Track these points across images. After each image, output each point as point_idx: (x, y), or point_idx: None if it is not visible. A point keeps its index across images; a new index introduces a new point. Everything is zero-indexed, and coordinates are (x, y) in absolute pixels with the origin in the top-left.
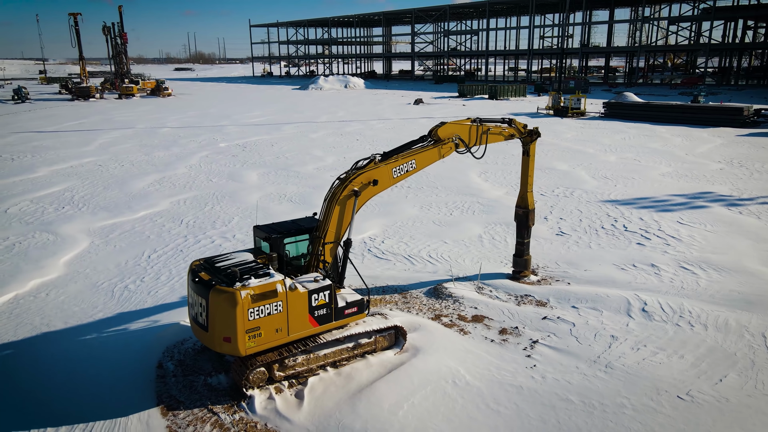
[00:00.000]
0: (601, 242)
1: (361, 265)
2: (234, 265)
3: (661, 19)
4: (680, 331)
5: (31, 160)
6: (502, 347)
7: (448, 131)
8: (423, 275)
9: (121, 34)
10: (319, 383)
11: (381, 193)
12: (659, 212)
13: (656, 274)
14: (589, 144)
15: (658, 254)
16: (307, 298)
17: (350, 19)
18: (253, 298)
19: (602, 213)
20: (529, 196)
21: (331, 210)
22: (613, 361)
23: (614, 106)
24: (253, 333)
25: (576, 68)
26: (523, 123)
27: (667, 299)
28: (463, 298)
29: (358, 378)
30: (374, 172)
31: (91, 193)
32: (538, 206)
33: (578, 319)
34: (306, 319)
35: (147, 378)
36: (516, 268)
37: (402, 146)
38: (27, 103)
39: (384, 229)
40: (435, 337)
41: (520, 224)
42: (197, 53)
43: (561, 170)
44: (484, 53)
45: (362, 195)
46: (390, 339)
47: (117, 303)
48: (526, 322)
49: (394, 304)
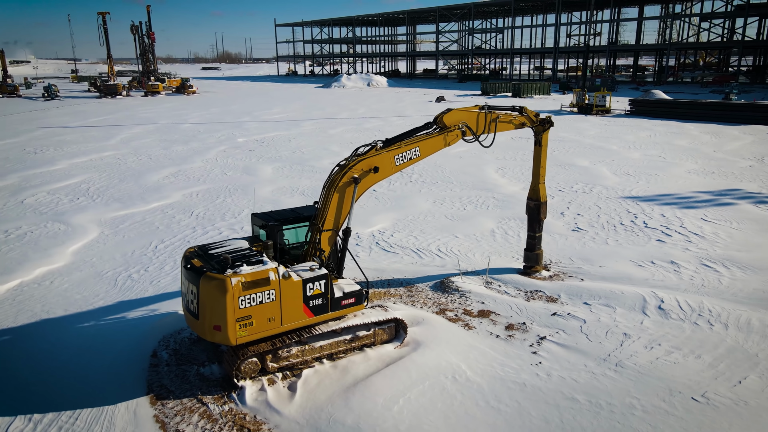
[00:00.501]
0: (619, 238)
1: (368, 258)
2: (227, 252)
3: (693, 15)
4: (698, 330)
5: (53, 154)
6: (507, 343)
7: (454, 118)
8: (430, 269)
9: (149, 33)
10: (313, 376)
11: (394, 188)
12: (683, 209)
13: (675, 271)
14: (612, 141)
15: (679, 251)
16: (302, 287)
17: (375, 18)
18: (244, 286)
19: (622, 209)
20: (541, 188)
21: (329, 197)
22: (624, 359)
23: (641, 103)
24: (245, 322)
25: (603, 67)
26: (534, 111)
27: (685, 297)
28: (470, 293)
29: (354, 371)
30: (375, 158)
31: (106, 185)
32: (554, 202)
33: (590, 316)
34: (300, 309)
35: (140, 367)
36: (527, 263)
37: (405, 133)
38: (56, 100)
39: (394, 222)
40: (438, 332)
41: (532, 217)
42: (224, 53)
43: (581, 166)
44: (508, 51)
45: (362, 182)
46: (390, 332)
47: (119, 292)
48: (535, 318)
49: (399, 298)
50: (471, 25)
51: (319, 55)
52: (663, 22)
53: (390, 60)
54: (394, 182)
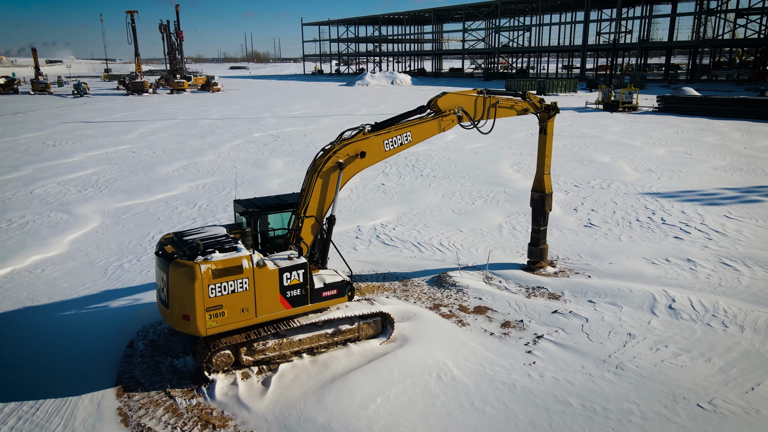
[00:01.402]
0: (634, 235)
1: (366, 250)
2: (201, 238)
3: (728, 11)
4: (710, 332)
5: (71, 147)
6: (501, 341)
7: (449, 102)
8: (429, 263)
9: (177, 32)
10: (290, 370)
11: (403, 182)
12: (705, 206)
13: (691, 269)
14: (636, 137)
15: (697, 249)
16: (278, 276)
17: (401, 16)
18: (215, 274)
19: (639, 205)
20: (546, 179)
21: (312, 183)
22: (625, 361)
23: (669, 99)
24: (215, 312)
25: (634, 65)
26: (539, 97)
27: (699, 296)
28: (467, 288)
29: (334, 367)
30: (362, 143)
31: (116, 177)
32: (569, 197)
33: (593, 314)
34: (277, 300)
35: (114, 357)
36: (531, 258)
37: (397, 117)
38: (85, 97)
39: (399, 216)
40: (428, 327)
41: (536, 210)
42: (252, 53)
43: (601, 162)
44: (535, 49)
45: (348, 168)
46: (376, 327)
47: (107, 281)
48: (534, 316)
49: (393, 292)
50: (498, 23)
51: (345, 54)
52: (697, 19)
53: (416, 59)
54: (404, 176)
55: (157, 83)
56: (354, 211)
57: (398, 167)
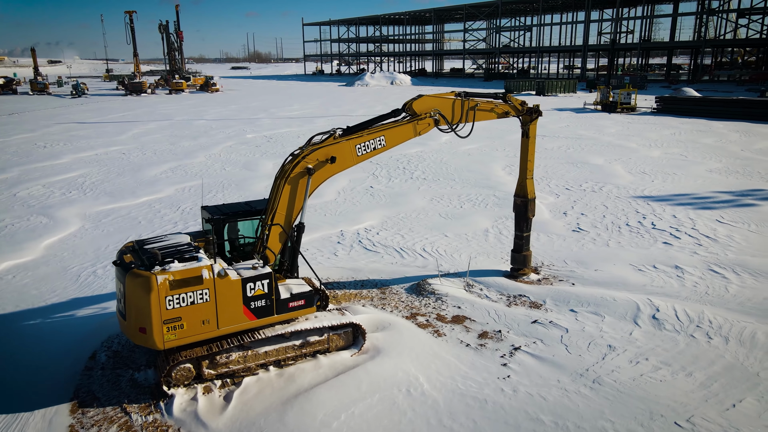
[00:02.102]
0: (622, 240)
1: (347, 256)
2: (162, 247)
3: (730, 11)
4: (694, 344)
5: (62, 148)
6: (476, 353)
7: (425, 105)
8: (410, 270)
9: (177, 32)
10: (255, 384)
11: (393, 184)
12: (697, 210)
13: (678, 277)
14: (632, 139)
15: (686, 255)
16: (241, 287)
17: (401, 17)
18: (172, 285)
19: (630, 209)
20: (528, 184)
21: (280, 189)
22: (603, 375)
23: (668, 100)
24: (173, 324)
25: (635, 65)
26: (520, 99)
27: (684, 305)
28: (446, 296)
29: (300, 380)
30: (332, 148)
31: (102, 179)
32: (559, 201)
33: (574, 324)
34: (240, 311)
35: (74, 369)
36: (514, 265)
37: (370, 120)
38: (83, 97)
39: (384, 220)
40: (402, 338)
41: (519, 215)
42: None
43: (594, 164)
44: (536, 50)
45: (317, 174)
46: (346, 338)
47: (77, 288)
48: (513, 326)
49: (370, 300)
50: (498, 23)
51: (346, 54)
52: (699, 19)
53: (417, 59)
54: (394, 178)
55: (156, 83)
56: (339, 215)
57: (389, 169)
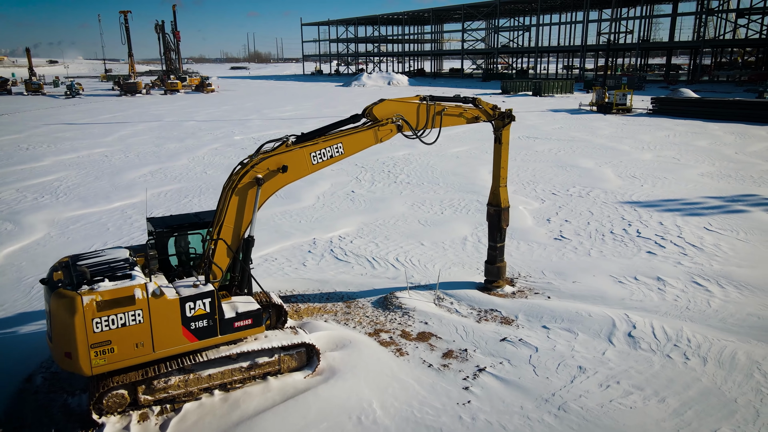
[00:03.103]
0: (605, 249)
1: (315, 267)
2: (94, 264)
3: (730, 11)
4: (669, 365)
5: (44, 150)
6: (438, 375)
7: (386, 110)
8: (380, 281)
9: (174, 31)
10: (196, 410)
11: (375, 188)
12: (685, 216)
13: (659, 290)
14: (625, 141)
15: (669, 265)
16: (179, 306)
17: (400, 17)
18: (100, 306)
19: (616, 215)
20: (501, 192)
21: (227, 201)
22: (570, 401)
23: (664, 101)
24: (102, 348)
25: (633, 66)
26: (492, 104)
27: (663, 322)
28: (414, 311)
29: (245, 406)
30: (285, 156)
31: (79, 183)
32: (544, 206)
33: (545, 342)
34: (179, 333)
35: (6, 392)
36: (488, 276)
37: (327, 126)
38: (77, 97)
39: (360, 227)
40: (361, 358)
41: (492, 226)
42: (254, 53)
43: (583, 168)
44: (534, 50)
45: (268, 184)
46: (299, 358)
47: (27, 301)
48: (480, 344)
49: (333, 314)
50: (497, 23)
51: (344, 54)
52: (698, 19)
53: (416, 59)
54: (377, 182)
55: (152, 84)
56: (314, 222)
57: (373, 172)
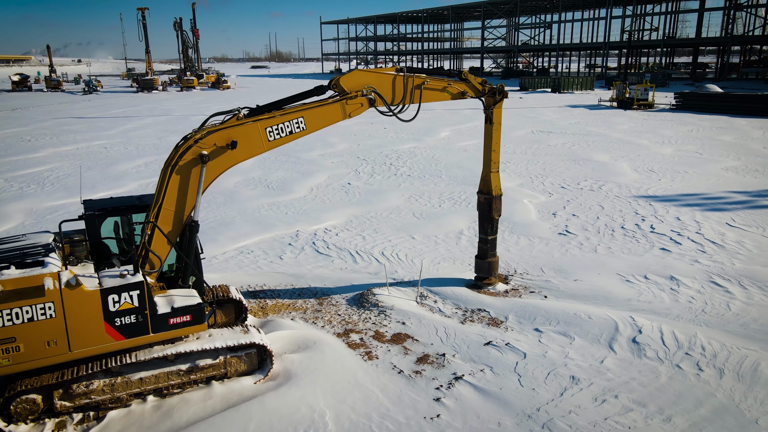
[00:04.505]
0: (614, 245)
1: (292, 261)
2: (6, 249)
3: (759, 6)
4: (679, 377)
5: (46, 142)
6: (408, 383)
7: (356, 81)
8: (360, 276)
9: (193, 30)
10: (122, 419)
11: (372, 181)
12: (706, 211)
13: (672, 290)
14: (645, 135)
15: (685, 264)
16: (100, 299)
17: (419, 14)
18: (1, 297)
19: (629, 210)
20: (493, 178)
21: (167, 180)
22: (557, 417)
23: (688, 96)
24: (5, 346)
25: (658, 65)
26: (480, 78)
27: (674, 326)
28: (391, 309)
29: (179, 415)
30: (235, 130)
31: (69, 174)
32: (551, 200)
33: (535, 348)
34: (101, 330)
35: None
36: (478, 273)
37: (286, 99)
38: (94, 94)
39: (349, 219)
40: (324, 361)
41: (483, 216)
42: (276, 52)
43: (597, 161)
44: (555, 47)
45: (215, 162)
46: (249, 361)
47: None
48: (461, 348)
49: (303, 312)
50: (517, 20)
51: (363, 52)
52: (726, 14)
53: (436, 58)
54: (376, 175)
55: (169, 81)
56: (301, 214)
57: (373, 165)
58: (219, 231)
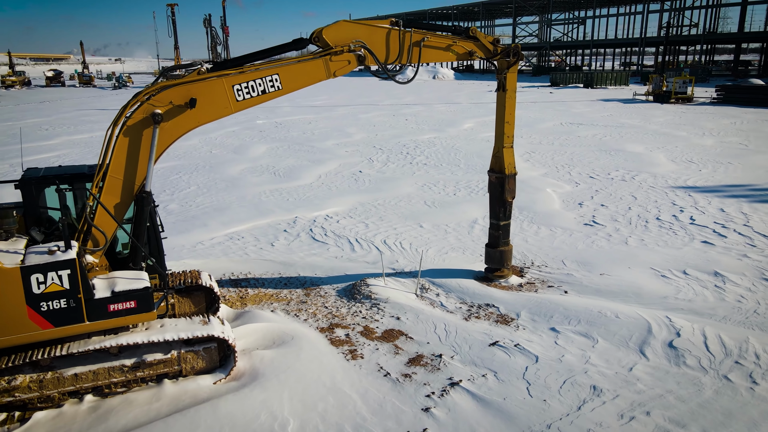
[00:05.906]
0: (647, 237)
1: (285, 247)
2: None
3: None
4: (727, 391)
5: (61, 131)
6: (394, 388)
7: (343, 34)
8: (355, 266)
9: (222, 26)
10: (49, 422)
11: (384, 168)
12: (754, 203)
13: (717, 287)
14: (683, 128)
15: (732, 258)
16: (20, 279)
17: (449, 11)
18: None
19: (666, 201)
20: (506, 154)
21: (113, 143)
22: None
23: (730, 89)
24: None
25: (698, 62)
26: (492, 37)
27: (720, 330)
28: (386, 302)
29: (116, 419)
30: (196, 86)
31: (75, 161)
32: (578, 190)
33: (550, 351)
34: (23, 316)
35: None
36: (489, 264)
37: (259, 52)
38: (123, 89)
39: (354, 206)
40: (299, 360)
41: (494, 198)
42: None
43: (631, 152)
44: (589, 44)
45: (171, 124)
46: (209, 357)
47: None
48: (462, 348)
49: (286, 303)
50: (549, 16)
51: None
52: None
53: None
54: (389, 163)
55: None
56: (303, 200)
57: (389, 153)
58: (211, 216)
